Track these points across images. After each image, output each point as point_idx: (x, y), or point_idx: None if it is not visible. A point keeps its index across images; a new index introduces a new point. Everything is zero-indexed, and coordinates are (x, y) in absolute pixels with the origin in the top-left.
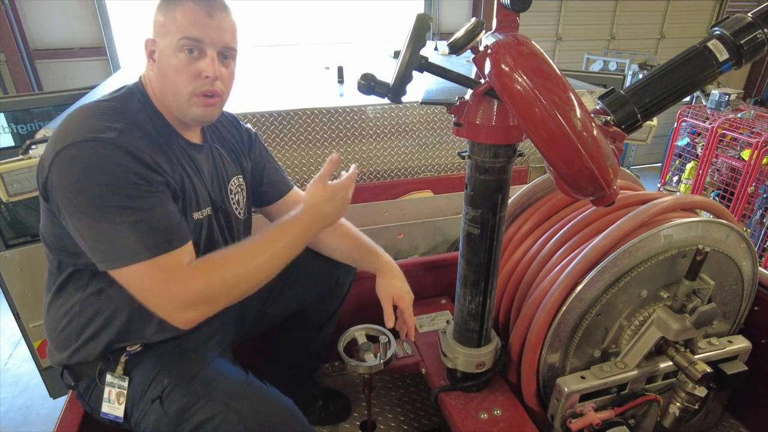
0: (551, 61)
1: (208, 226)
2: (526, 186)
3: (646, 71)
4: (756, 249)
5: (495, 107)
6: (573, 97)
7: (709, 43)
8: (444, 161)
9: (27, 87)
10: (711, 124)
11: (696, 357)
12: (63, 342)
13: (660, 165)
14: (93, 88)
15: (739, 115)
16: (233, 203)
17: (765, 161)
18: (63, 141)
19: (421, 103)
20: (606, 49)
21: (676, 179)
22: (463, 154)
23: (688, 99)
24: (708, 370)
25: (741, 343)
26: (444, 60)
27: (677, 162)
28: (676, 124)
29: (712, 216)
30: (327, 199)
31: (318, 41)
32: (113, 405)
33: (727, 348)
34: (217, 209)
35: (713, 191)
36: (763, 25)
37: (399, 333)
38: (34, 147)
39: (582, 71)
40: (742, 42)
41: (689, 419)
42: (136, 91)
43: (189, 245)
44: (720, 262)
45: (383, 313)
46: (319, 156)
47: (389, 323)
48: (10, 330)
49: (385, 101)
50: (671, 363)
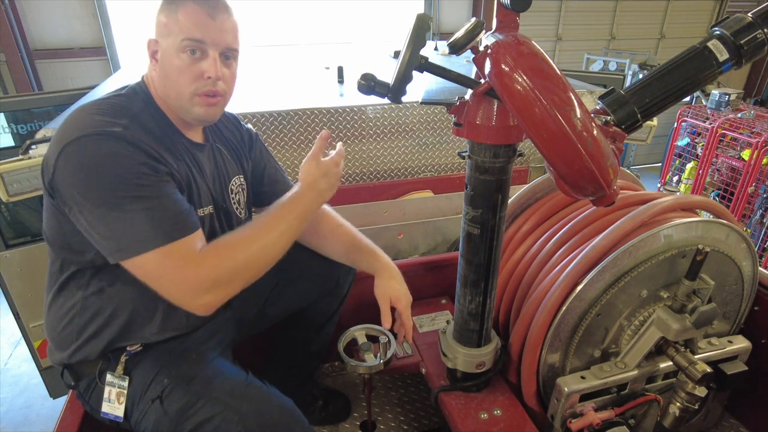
0: (551, 61)
1: (209, 224)
2: (526, 186)
3: (646, 71)
4: (756, 249)
5: (495, 107)
6: (573, 97)
7: (709, 43)
8: (444, 161)
9: (27, 87)
10: (711, 124)
11: (696, 357)
12: (64, 341)
13: (660, 165)
14: (93, 88)
15: (739, 115)
16: (234, 203)
17: (765, 161)
18: (68, 137)
19: (421, 103)
20: (606, 49)
21: (676, 179)
22: (463, 154)
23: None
24: (708, 370)
25: (741, 343)
26: (444, 60)
27: (677, 162)
28: (676, 124)
29: (712, 216)
30: (322, 176)
31: (318, 41)
32: (113, 405)
33: (727, 348)
34: (219, 208)
35: (713, 191)
36: (763, 25)
37: (397, 334)
38: (34, 147)
39: (582, 71)
40: (742, 42)
41: (689, 419)
42: (139, 91)
43: (200, 232)
44: (720, 262)
45: (380, 315)
46: None
47: (386, 325)
48: (10, 330)
49: (385, 101)
50: (671, 363)
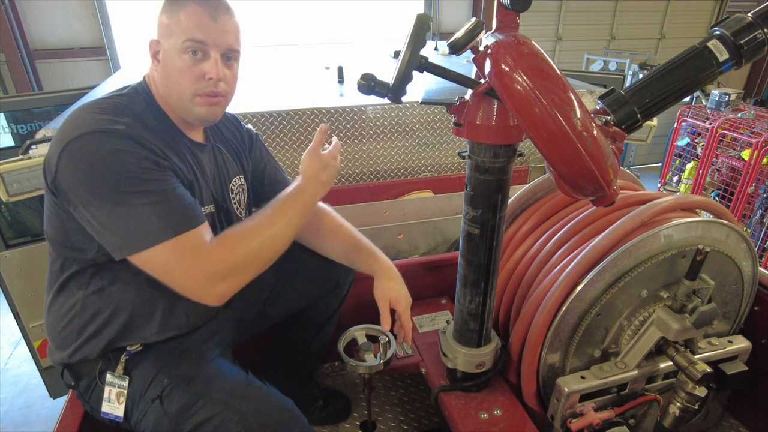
0: (551, 61)
1: (210, 223)
2: (526, 186)
3: (646, 71)
4: (756, 249)
5: (495, 107)
6: (573, 97)
7: (709, 43)
8: (444, 161)
9: (27, 87)
10: (711, 124)
11: (696, 357)
12: (64, 340)
13: (660, 165)
14: (93, 88)
15: (739, 115)
16: (234, 203)
17: (765, 161)
18: (70, 135)
19: (421, 103)
20: (606, 49)
21: (676, 179)
22: (463, 154)
23: (688, 99)
24: (708, 370)
25: (741, 343)
26: (444, 60)
27: (677, 162)
28: (676, 124)
29: (712, 216)
30: (322, 168)
31: (318, 41)
32: (113, 404)
33: (727, 348)
34: (219, 208)
35: (713, 191)
36: (763, 25)
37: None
38: (34, 147)
39: (582, 71)
40: (742, 42)
41: (689, 419)
42: (140, 91)
43: (207, 224)
44: (720, 262)
45: (380, 316)
46: None
47: (386, 327)
48: (10, 330)
49: (385, 101)
50: (671, 363)
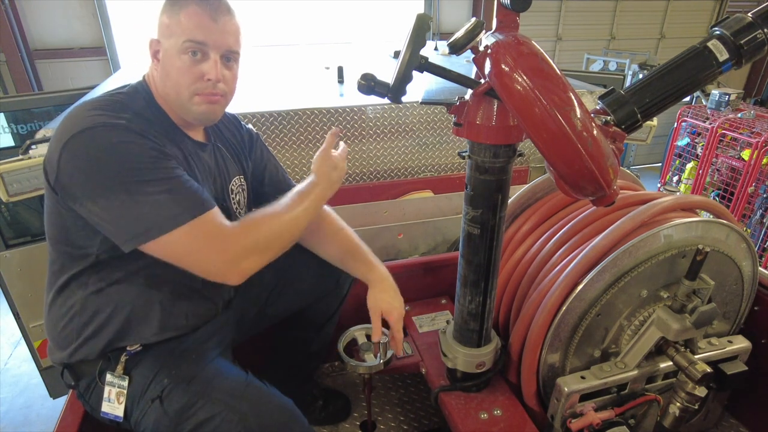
0: (551, 61)
1: None
2: (526, 186)
3: (646, 71)
4: (756, 249)
5: (495, 107)
6: (573, 97)
7: (709, 43)
8: (444, 161)
9: (27, 87)
10: (711, 124)
11: (696, 357)
12: (64, 340)
13: (660, 165)
14: (93, 88)
15: (739, 115)
16: (234, 203)
17: (765, 161)
18: (71, 131)
19: (421, 103)
20: (606, 49)
21: (676, 179)
22: (463, 154)
23: (688, 99)
24: (708, 370)
25: (741, 343)
26: (444, 60)
27: (677, 162)
28: (676, 124)
29: (712, 216)
30: (333, 168)
31: (318, 41)
32: (113, 404)
33: (727, 348)
34: (219, 207)
35: (713, 191)
36: (763, 25)
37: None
38: (34, 147)
39: (582, 71)
40: (742, 42)
41: (689, 419)
42: (140, 90)
43: (218, 208)
44: (720, 262)
45: (371, 327)
46: None
47: (375, 338)
48: (10, 330)
49: (385, 101)
50: (671, 363)
